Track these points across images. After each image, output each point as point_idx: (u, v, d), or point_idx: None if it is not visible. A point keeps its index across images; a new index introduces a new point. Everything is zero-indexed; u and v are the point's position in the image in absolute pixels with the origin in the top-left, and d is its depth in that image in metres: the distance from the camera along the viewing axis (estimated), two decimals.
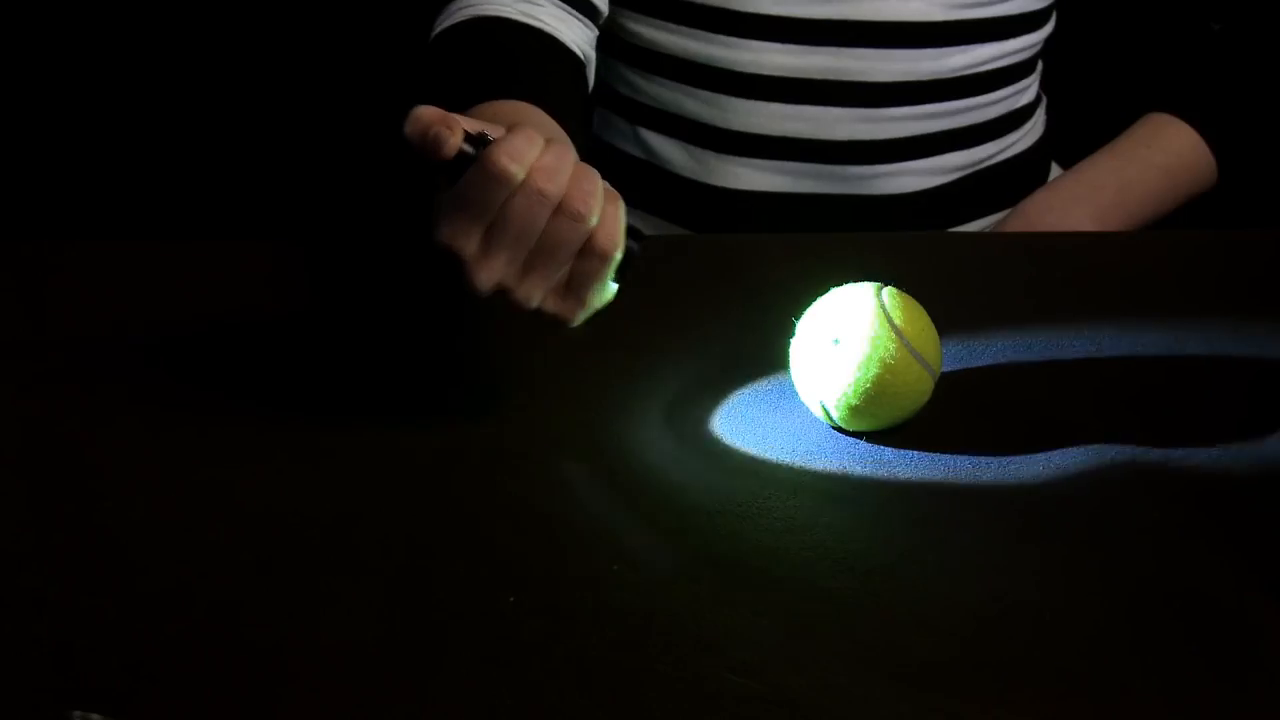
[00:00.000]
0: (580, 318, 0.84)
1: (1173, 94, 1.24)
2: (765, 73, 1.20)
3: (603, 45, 1.28)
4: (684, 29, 1.21)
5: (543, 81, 1.07)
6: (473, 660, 0.69)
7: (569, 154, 0.82)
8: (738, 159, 1.23)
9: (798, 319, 0.85)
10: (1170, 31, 1.36)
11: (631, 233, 0.83)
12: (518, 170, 0.80)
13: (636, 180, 1.28)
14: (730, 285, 1.01)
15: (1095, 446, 0.84)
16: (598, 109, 1.32)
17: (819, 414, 0.85)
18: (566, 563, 0.76)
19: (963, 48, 1.21)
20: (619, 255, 0.82)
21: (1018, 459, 0.83)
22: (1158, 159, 1.22)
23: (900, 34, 1.19)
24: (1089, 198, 1.20)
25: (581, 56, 1.13)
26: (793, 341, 0.86)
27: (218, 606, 0.73)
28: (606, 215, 0.82)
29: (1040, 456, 0.83)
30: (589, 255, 0.82)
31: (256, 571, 0.75)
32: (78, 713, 0.65)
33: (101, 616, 0.72)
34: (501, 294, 0.82)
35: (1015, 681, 0.68)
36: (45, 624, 0.72)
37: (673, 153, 1.25)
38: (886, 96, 1.20)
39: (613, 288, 0.83)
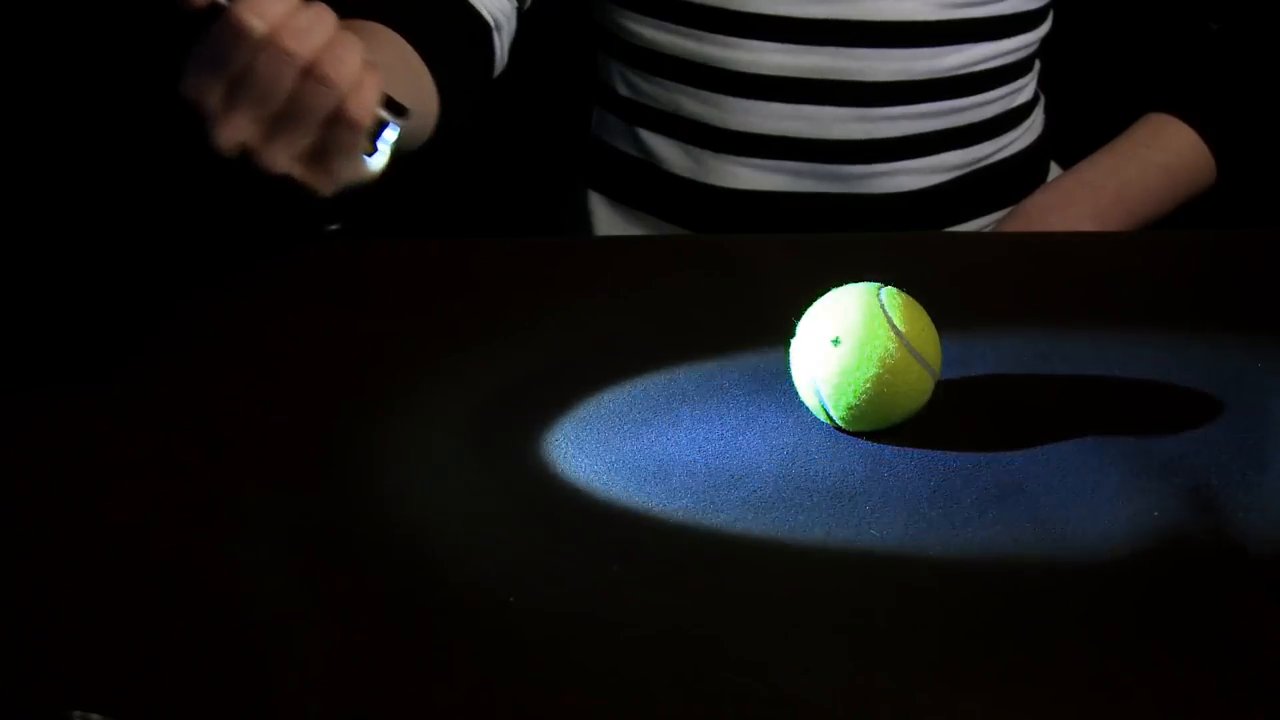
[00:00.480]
0: (330, 189, 0.81)
1: (1172, 94, 1.24)
2: (763, 72, 1.20)
3: (601, 45, 1.28)
4: (682, 29, 1.21)
5: (425, 23, 1.04)
6: (473, 660, 0.69)
7: (327, 19, 0.80)
8: (736, 159, 1.23)
9: (798, 319, 0.85)
10: (1169, 31, 1.36)
11: (392, 107, 0.81)
12: (257, 24, 0.78)
13: (635, 180, 1.28)
14: (730, 285, 1.01)
15: (1095, 446, 0.84)
16: (596, 109, 1.31)
17: (819, 414, 0.85)
18: (566, 563, 0.76)
19: (958, 47, 1.21)
20: (372, 126, 0.80)
21: (1018, 459, 0.83)
22: (1157, 158, 1.22)
23: (895, 33, 1.19)
24: (1089, 197, 1.20)
25: (489, 20, 1.12)
26: (793, 341, 0.85)
27: (218, 606, 0.73)
28: (362, 85, 0.80)
29: (1040, 456, 0.83)
30: (338, 124, 0.80)
31: (256, 571, 0.75)
32: (78, 713, 0.65)
33: (101, 616, 0.72)
34: (247, 155, 0.80)
35: (1015, 681, 0.68)
36: (45, 624, 0.72)
37: (670, 153, 1.25)
38: (883, 96, 1.20)
39: (374, 163, 0.81)
